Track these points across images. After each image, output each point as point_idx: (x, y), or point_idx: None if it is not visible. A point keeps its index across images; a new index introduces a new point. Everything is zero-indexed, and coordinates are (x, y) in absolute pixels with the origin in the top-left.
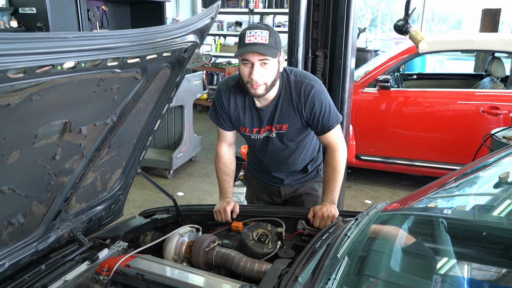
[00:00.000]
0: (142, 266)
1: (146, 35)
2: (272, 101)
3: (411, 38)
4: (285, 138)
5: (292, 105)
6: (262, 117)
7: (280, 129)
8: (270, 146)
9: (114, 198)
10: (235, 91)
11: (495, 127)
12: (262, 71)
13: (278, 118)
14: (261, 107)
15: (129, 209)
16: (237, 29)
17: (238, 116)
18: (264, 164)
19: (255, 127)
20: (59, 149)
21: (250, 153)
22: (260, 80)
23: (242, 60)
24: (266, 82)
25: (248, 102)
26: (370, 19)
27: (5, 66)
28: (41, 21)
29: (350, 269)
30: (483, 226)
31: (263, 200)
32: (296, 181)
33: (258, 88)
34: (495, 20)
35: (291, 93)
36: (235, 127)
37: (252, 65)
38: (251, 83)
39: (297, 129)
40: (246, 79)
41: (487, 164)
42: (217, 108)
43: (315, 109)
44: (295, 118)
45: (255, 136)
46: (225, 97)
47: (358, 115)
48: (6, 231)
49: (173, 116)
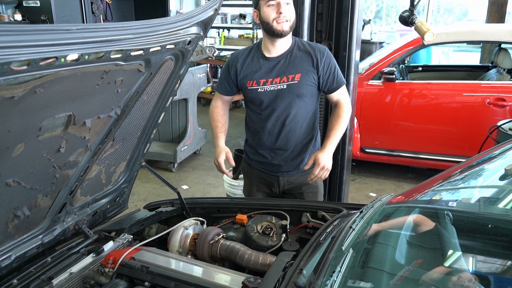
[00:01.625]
0: (147, 259)
1: (149, 27)
2: (284, 53)
3: (416, 30)
4: (295, 91)
5: (308, 59)
6: (271, 67)
7: (292, 79)
8: (278, 102)
9: (119, 191)
10: (244, 53)
11: (501, 119)
12: (287, 8)
13: (292, 67)
14: (272, 57)
15: (134, 202)
16: (241, 21)
17: (246, 70)
18: (262, 141)
19: (263, 77)
20: (63, 142)
21: (249, 130)
22: (286, 15)
23: (267, 2)
24: (290, 19)
25: (257, 55)
26: (375, 11)
27: (8, 58)
28: (45, 14)
29: (355, 262)
30: (489, 219)
31: (262, 191)
32: (294, 168)
33: (284, 24)
34: (502, 11)
35: (306, 49)
36: (242, 85)
37: (278, 4)
38: (277, 20)
39: (309, 80)
40: (273, 17)
41: (493, 156)
42: (224, 71)
43: (331, 65)
44: (309, 69)
45: (262, 88)
46: (235, 58)
47: (363, 108)
48: (12, 223)
49: (177, 109)
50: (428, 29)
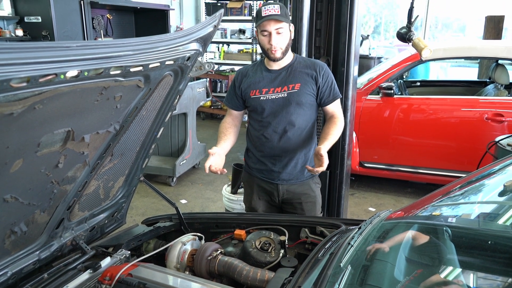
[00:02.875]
0: (145, 275)
1: (148, 44)
2: (285, 66)
3: (414, 46)
4: (295, 99)
5: (307, 73)
6: (273, 78)
7: (293, 88)
8: (278, 110)
9: (117, 206)
10: (249, 67)
11: (499, 134)
12: (278, 38)
13: (292, 78)
14: (274, 70)
15: (132, 217)
16: (241, 36)
17: (250, 81)
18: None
19: (265, 87)
20: (62, 158)
21: (251, 139)
22: (277, 45)
23: (261, 31)
24: (282, 47)
25: (261, 68)
26: (373, 26)
27: (8, 76)
28: (46, 29)
29: (354, 279)
30: (488, 235)
31: (263, 199)
32: (293, 176)
33: (276, 52)
34: (499, 27)
35: (306, 65)
36: (246, 94)
37: (270, 34)
38: (270, 49)
39: (308, 90)
40: (266, 46)
41: (492, 172)
42: (232, 86)
43: (329, 78)
44: (309, 80)
45: (264, 97)
46: (241, 73)
47: (362, 122)
48: (8, 239)
49: (176, 123)
50: (426, 46)
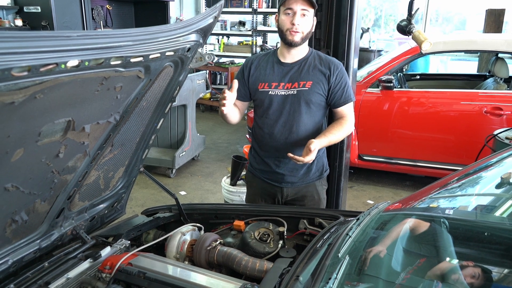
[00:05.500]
0: (144, 264)
1: (149, 34)
2: (299, 60)
3: (414, 39)
4: (304, 98)
5: (321, 71)
6: (285, 72)
7: (303, 86)
8: (286, 107)
9: (116, 196)
10: (260, 56)
11: (498, 127)
12: (302, 20)
13: (304, 75)
14: (286, 63)
15: (131, 208)
16: (240, 28)
17: (259, 72)
18: (268, 148)
19: (275, 81)
20: (62, 147)
21: (256, 137)
22: (298, 26)
23: (285, 10)
24: (303, 31)
25: (272, 59)
26: (373, 19)
27: (9, 64)
28: (46, 20)
29: (351, 269)
30: (485, 227)
31: (265, 201)
32: (299, 179)
33: (296, 35)
34: (499, 20)
35: (321, 61)
36: (254, 86)
37: (294, 14)
38: (290, 29)
39: (319, 89)
40: (287, 27)
41: (490, 165)
42: (238, 74)
43: (343, 80)
44: (321, 78)
45: (273, 92)
46: (249, 61)
47: (361, 115)
48: (9, 228)
49: (176, 115)
50: (426, 39)
